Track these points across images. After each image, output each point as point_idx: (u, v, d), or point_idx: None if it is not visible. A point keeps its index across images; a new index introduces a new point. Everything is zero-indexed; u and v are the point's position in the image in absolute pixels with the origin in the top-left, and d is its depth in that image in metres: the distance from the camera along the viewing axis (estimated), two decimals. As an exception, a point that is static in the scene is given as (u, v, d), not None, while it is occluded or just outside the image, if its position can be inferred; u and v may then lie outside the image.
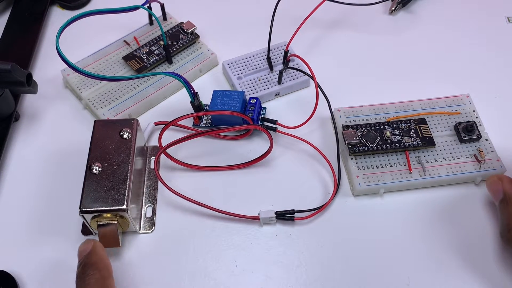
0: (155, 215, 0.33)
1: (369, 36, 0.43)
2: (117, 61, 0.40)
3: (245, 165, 0.35)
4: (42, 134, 0.38)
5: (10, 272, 0.31)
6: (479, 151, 0.35)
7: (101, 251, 0.29)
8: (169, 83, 0.39)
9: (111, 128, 0.33)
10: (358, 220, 0.33)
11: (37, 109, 0.39)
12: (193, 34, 0.41)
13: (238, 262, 0.31)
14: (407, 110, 0.37)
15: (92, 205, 0.29)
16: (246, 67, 0.40)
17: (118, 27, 0.42)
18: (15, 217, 0.33)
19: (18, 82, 0.34)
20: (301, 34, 0.39)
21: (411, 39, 0.43)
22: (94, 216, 0.30)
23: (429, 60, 0.42)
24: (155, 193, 0.34)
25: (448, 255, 0.31)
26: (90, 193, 0.30)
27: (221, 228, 0.33)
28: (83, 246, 0.29)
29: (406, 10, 0.45)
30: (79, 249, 0.29)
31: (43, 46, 0.43)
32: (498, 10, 0.45)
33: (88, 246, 0.29)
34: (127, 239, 0.32)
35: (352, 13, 0.45)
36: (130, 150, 0.31)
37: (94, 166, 0.31)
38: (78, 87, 0.39)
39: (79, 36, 0.42)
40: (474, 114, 0.36)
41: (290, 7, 0.42)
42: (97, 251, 0.29)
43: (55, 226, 0.33)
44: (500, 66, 0.41)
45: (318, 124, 0.37)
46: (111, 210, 0.29)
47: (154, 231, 0.33)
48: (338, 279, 0.30)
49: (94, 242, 0.29)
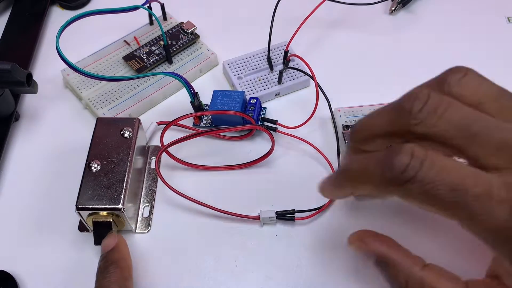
0: (152, 215, 0.33)
1: (369, 36, 0.43)
2: (117, 61, 0.40)
3: (246, 165, 0.35)
4: (42, 134, 0.38)
5: (11, 272, 0.31)
6: (479, 151, 0.34)
7: (124, 250, 0.29)
8: (169, 83, 0.39)
9: (113, 126, 0.33)
10: (358, 220, 0.33)
11: (37, 109, 0.39)
12: (193, 34, 0.41)
13: (238, 262, 0.31)
14: (407, 110, 0.37)
15: (88, 202, 0.29)
16: (246, 67, 0.40)
17: (118, 27, 0.42)
18: (15, 216, 0.33)
19: (18, 82, 0.34)
20: (301, 34, 0.39)
21: (412, 39, 0.43)
22: (90, 214, 0.30)
23: (429, 60, 0.41)
24: (153, 193, 0.34)
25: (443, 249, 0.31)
26: (88, 190, 0.30)
27: (220, 228, 0.33)
28: (107, 241, 0.29)
29: (407, 10, 0.45)
30: (103, 242, 0.29)
31: (43, 46, 0.43)
32: (498, 10, 0.45)
33: (112, 242, 0.29)
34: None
35: (352, 13, 0.45)
36: (130, 149, 0.31)
37: (93, 164, 0.31)
38: (78, 87, 0.39)
39: (79, 36, 0.42)
40: (475, 114, 0.36)
41: (290, 7, 0.42)
42: (120, 249, 0.29)
43: (55, 226, 0.33)
44: (500, 66, 0.41)
45: (318, 124, 0.37)
46: (107, 209, 0.29)
47: (150, 231, 0.33)
48: (338, 279, 0.30)
49: (119, 238, 0.29)
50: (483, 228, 0.20)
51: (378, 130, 0.24)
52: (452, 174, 0.20)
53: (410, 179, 0.20)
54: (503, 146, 0.20)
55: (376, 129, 0.24)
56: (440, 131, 0.21)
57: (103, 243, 0.29)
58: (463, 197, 0.20)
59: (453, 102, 0.21)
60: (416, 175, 0.20)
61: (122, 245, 0.29)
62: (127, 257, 0.29)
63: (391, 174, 0.21)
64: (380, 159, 0.22)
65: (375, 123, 0.24)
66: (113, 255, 0.28)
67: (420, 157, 0.20)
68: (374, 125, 0.24)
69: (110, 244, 0.29)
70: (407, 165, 0.20)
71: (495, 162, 0.20)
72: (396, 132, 0.23)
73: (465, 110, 0.21)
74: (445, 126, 0.21)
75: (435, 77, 0.23)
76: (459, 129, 0.21)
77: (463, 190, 0.20)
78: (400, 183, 0.21)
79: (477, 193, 0.20)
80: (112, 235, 0.30)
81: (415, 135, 0.22)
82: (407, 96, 0.22)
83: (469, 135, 0.21)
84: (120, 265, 0.28)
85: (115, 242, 0.29)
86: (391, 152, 0.21)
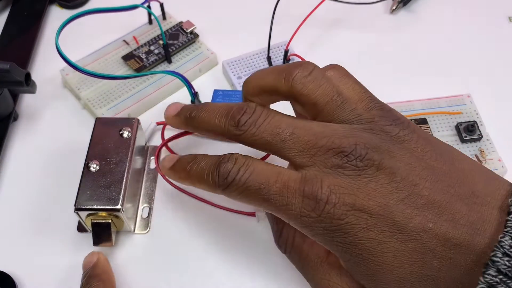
0: (151, 216, 0.33)
1: (370, 35, 0.43)
2: (116, 61, 0.40)
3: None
4: (41, 134, 0.37)
5: (9, 272, 0.30)
6: (480, 151, 0.34)
7: (105, 264, 0.30)
8: (169, 82, 0.39)
9: (112, 126, 0.32)
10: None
11: (35, 108, 0.39)
12: (192, 34, 0.41)
13: (237, 261, 0.31)
14: (408, 110, 0.36)
15: (87, 203, 0.29)
16: (246, 67, 0.39)
17: (117, 27, 0.42)
18: (14, 217, 0.33)
19: (17, 81, 0.34)
20: (301, 33, 0.39)
21: (412, 38, 0.43)
22: (89, 214, 0.30)
23: (429, 59, 0.41)
24: (152, 194, 0.34)
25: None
26: (86, 190, 0.30)
27: (219, 226, 0.32)
28: (88, 258, 0.30)
29: (407, 9, 0.45)
30: (84, 261, 0.30)
31: (42, 45, 0.43)
32: (499, 10, 0.45)
33: (92, 259, 0.29)
34: (121, 239, 0.32)
35: (352, 12, 0.44)
36: (128, 150, 0.31)
37: (92, 164, 0.30)
38: (77, 87, 0.38)
39: (78, 35, 0.42)
40: (476, 114, 0.36)
41: (290, 6, 0.42)
42: (101, 264, 0.29)
43: (54, 226, 0.33)
44: (501, 66, 0.41)
45: (318, 124, 0.37)
46: (106, 209, 0.29)
47: (150, 231, 0.33)
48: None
49: (99, 254, 0.30)
50: (288, 218, 0.23)
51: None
52: (260, 175, 0.24)
53: (230, 183, 0.24)
54: (305, 147, 0.24)
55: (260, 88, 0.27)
56: (259, 139, 0.25)
57: (83, 262, 0.30)
58: (268, 193, 0.23)
59: (271, 114, 0.25)
60: (234, 180, 0.24)
61: (103, 260, 0.30)
62: (109, 270, 0.30)
63: (218, 180, 0.25)
64: (211, 166, 0.25)
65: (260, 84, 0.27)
66: (95, 270, 0.29)
67: (239, 164, 0.24)
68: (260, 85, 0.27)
69: (90, 261, 0.29)
70: (230, 171, 0.24)
71: (301, 161, 0.24)
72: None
73: (278, 118, 0.25)
74: (263, 134, 0.25)
75: (285, 66, 0.26)
76: (273, 136, 0.24)
77: (267, 187, 0.23)
78: (224, 188, 0.24)
79: (277, 188, 0.23)
80: (92, 253, 0.30)
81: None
82: (239, 108, 0.26)
83: (280, 140, 0.24)
84: (102, 278, 0.28)
85: (95, 259, 0.29)
86: (220, 161, 0.25)
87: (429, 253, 0.22)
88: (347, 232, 0.22)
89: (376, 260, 0.22)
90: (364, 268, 0.22)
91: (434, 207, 0.22)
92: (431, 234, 0.22)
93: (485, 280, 0.20)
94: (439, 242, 0.22)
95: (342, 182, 0.22)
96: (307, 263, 0.25)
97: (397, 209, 0.22)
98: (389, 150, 0.23)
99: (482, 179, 0.24)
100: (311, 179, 0.23)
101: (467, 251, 0.21)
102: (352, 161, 0.23)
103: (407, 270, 0.22)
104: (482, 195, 0.23)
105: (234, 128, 0.25)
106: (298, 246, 0.26)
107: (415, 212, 0.22)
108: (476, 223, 0.22)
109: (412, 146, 0.24)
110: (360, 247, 0.22)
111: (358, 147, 0.23)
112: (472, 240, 0.21)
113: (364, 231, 0.22)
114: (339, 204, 0.22)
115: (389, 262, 0.22)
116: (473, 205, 0.22)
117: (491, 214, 0.22)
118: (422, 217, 0.22)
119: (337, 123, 0.25)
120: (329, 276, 0.24)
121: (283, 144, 0.24)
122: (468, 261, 0.21)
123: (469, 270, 0.21)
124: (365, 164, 0.23)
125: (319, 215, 0.22)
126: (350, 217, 0.22)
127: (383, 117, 0.25)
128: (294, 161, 0.24)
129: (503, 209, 0.22)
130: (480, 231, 0.22)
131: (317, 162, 0.23)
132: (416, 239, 0.22)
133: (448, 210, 0.22)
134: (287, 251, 0.27)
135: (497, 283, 0.20)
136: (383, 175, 0.23)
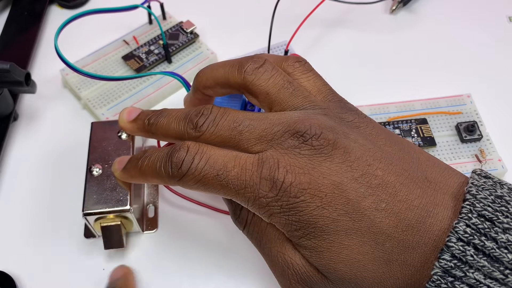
0: (158, 214, 0.33)
1: (370, 35, 0.43)
2: (116, 61, 0.40)
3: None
4: (41, 134, 0.37)
5: (9, 273, 0.30)
6: (480, 151, 0.34)
7: (131, 279, 0.30)
8: (169, 82, 0.39)
9: (109, 129, 0.32)
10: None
11: (36, 109, 0.39)
12: (192, 34, 0.41)
13: (241, 261, 0.31)
14: (408, 109, 0.36)
15: (95, 207, 0.29)
16: (246, 67, 0.39)
17: (117, 27, 0.42)
18: (14, 217, 0.33)
19: (17, 81, 0.34)
20: (301, 33, 0.39)
21: (412, 38, 0.43)
22: (97, 218, 0.29)
23: (430, 59, 0.41)
24: (156, 193, 0.34)
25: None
26: (92, 195, 0.30)
27: (221, 227, 0.33)
28: (115, 271, 0.30)
29: (407, 9, 0.45)
30: (111, 272, 0.30)
31: (42, 45, 0.43)
32: (499, 10, 0.45)
33: (120, 272, 0.30)
34: (131, 240, 0.32)
35: (352, 12, 0.44)
36: (129, 151, 0.31)
37: (95, 168, 0.30)
38: (77, 87, 0.38)
39: (78, 35, 0.42)
40: (476, 114, 0.36)
41: (290, 6, 0.42)
42: (127, 278, 0.30)
43: (54, 227, 0.33)
44: (501, 66, 0.41)
45: (318, 124, 0.37)
46: (115, 211, 0.29)
47: (158, 230, 0.33)
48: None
49: (126, 269, 0.30)
50: (246, 202, 0.23)
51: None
52: (217, 161, 0.23)
53: (186, 173, 0.23)
54: (262, 135, 0.24)
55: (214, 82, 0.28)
56: (218, 137, 0.25)
57: (110, 272, 0.30)
58: (226, 179, 0.23)
59: (228, 111, 0.25)
60: (189, 169, 0.23)
61: (129, 275, 0.30)
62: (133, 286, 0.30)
63: (171, 170, 0.24)
64: (163, 157, 0.25)
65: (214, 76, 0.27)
66: (120, 283, 0.29)
67: (193, 151, 0.24)
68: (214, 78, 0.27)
69: (117, 273, 0.30)
70: (183, 160, 0.23)
71: (258, 148, 0.24)
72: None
73: (234, 114, 0.25)
74: (221, 132, 0.25)
75: (238, 59, 0.27)
76: (231, 130, 0.25)
77: (225, 173, 0.23)
78: (179, 178, 0.24)
79: (236, 173, 0.23)
80: (120, 266, 0.30)
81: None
82: (196, 111, 0.26)
83: (237, 133, 0.24)
84: None
85: (122, 272, 0.30)
86: (171, 151, 0.24)
87: (382, 233, 0.22)
88: (302, 210, 0.22)
89: (329, 238, 0.22)
90: (315, 245, 0.23)
91: (388, 187, 0.22)
92: (384, 214, 0.22)
93: (439, 264, 0.21)
94: (391, 223, 0.22)
95: (298, 162, 0.23)
96: (265, 237, 0.25)
97: (350, 187, 0.22)
98: (344, 131, 0.24)
99: (436, 169, 0.24)
100: (267, 160, 0.23)
101: (419, 232, 0.22)
102: (307, 140, 0.23)
103: (359, 250, 0.22)
104: (435, 182, 0.23)
105: (193, 130, 0.25)
106: (256, 222, 0.25)
107: (368, 191, 0.22)
108: (429, 206, 0.22)
109: (367, 132, 0.25)
110: (313, 225, 0.22)
111: (313, 127, 0.23)
112: (424, 222, 0.22)
113: (318, 209, 0.22)
114: (295, 183, 0.22)
115: (341, 240, 0.22)
116: (426, 189, 0.23)
117: (443, 199, 0.22)
118: (375, 197, 0.22)
119: (292, 110, 0.25)
120: (284, 250, 0.24)
121: (241, 136, 0.24)
122: (420, 243, 0.22)
123: (423, 254, 0.22)
124: (320, 143, 0.23)
125: (276, 195, 0.22)
126: (306, 195, 0.22)
127: (339, 107, 0.26)
128: (253, 150, 0.24)
129: (457, 197, 0.23)
130: (433, 213, 0.22)
131: (274, 145, 0.24)
132: (369, 218, 0.22)
133: (402, 191, 0.22)
134: (245, 228, 0.26)
135: (452, 267, 0.20)
136: (338, 154, 0.23)
